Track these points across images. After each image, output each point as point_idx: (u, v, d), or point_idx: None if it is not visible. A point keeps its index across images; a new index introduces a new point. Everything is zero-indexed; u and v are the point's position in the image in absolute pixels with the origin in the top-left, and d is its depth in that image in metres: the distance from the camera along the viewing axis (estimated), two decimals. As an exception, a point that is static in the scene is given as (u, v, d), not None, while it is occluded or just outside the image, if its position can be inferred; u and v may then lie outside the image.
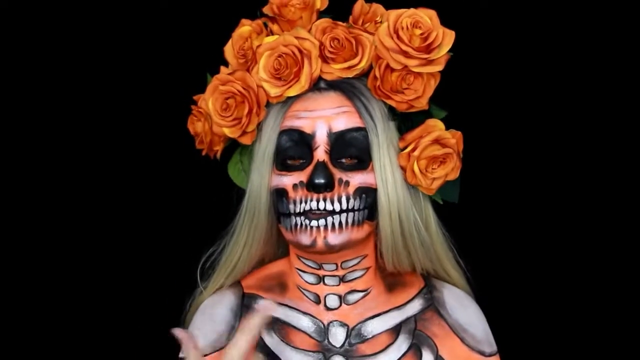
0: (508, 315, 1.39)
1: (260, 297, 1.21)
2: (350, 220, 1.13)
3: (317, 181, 1.11)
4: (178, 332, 1.01)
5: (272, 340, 1.18)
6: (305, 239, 1.13)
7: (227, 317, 1.20)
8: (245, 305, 1.21)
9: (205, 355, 1.17)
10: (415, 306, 1.21)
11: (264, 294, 1.22)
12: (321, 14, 1.20)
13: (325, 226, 1.12)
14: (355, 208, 1.13)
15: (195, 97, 1.25)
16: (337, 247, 1.13)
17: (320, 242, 1.12)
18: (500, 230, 1.66)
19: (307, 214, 1.13)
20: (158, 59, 1.68)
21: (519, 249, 1.67)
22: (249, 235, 1.19)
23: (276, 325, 1.19)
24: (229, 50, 1.21)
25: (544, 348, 1.67)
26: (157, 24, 1.69)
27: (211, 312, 1.21)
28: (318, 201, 1.12)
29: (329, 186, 1.11)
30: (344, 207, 1.12)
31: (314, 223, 1.12)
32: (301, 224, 1.13)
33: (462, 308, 1.21)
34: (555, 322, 1.67)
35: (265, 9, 1.21)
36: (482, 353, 1.19)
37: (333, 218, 1.12)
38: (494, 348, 1.20)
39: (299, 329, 1.19)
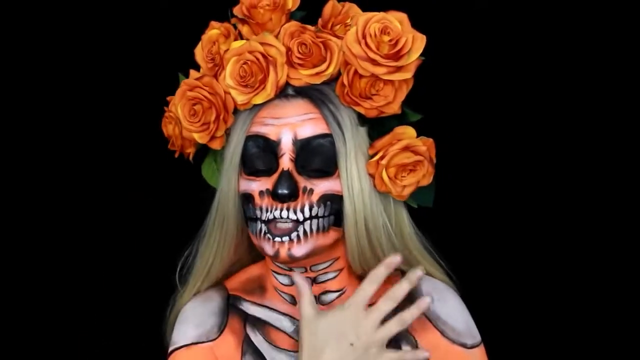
0: (493, 311, 1.38)
1: (244, 300, 1.23)
2: (314, 228, 1.12)
3: (280, 191, 1.10)
4: (298, 277, 1.10)
5: (256, 338, 1.20)
6: (268, 249, 1.13)
7: (217, 313, 1.21)
8: (231, 304, 1.22)
9: (200, 343, 1.19)
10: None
11: (246, 296, 1.23)
12: (293, 14, 1.17)
13: (290, 240, 1.12)
14: (320, 215, 1.12)
15: (169, 99, 1.24)
16: (302, 257, 1.13)
17: (283, 254, 1.12)
18: (480, 229, 1.64)
19: (271, 223, 1.12)
20: (135, 58, 1.67)
21: (500, 247, 1.65)
22: (220, 238, 1.20)
23: (259, 325, 1.20)
24: (199, 53, 1.19)
25: (530, 339, 1.66)
26: (134, 23, 1.67)
27: (202, 308, 1.22)
28: (281, 210, 1.11)
29: (292, 196, 1.10)
30: (307, 215, 1.12)
31: (277, 239, 1.12)
32: (265, 232, 1.13)
33: (441, 300, 1.20)
34: (540, 314, 1.67)
35: (236, 10, 1.18)
36: (463, 345, 1.18)
37: (298, 230, 1.12)
38: (477, 339, 1.20)
39: (279, 329, 1.20)
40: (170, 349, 1.21)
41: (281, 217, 1.12)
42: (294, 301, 1.20)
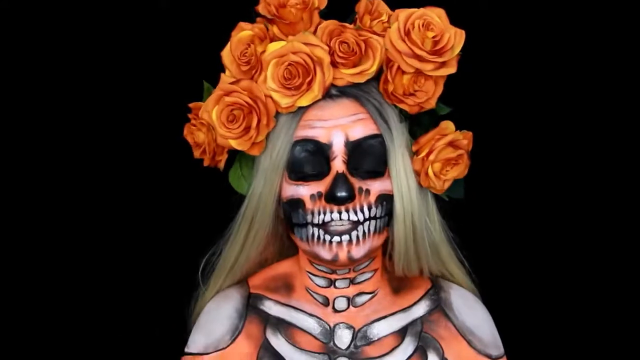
0: (512, 316, 1.40)
1: (267, 298, 1.20)
2: (372, 229, 1.11)
3: (339, 194, 1.08)
4: None
5: (277, 341, 1.17)
6: (325, 253, 1.11)
7: (231, 318, 1.19)
8: (250, 305, 1.20)
9: (208, 354, 1.17)
10: (422, 308, 1.20)
11: (270, 294, 1.20)
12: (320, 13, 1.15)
13: (350, 240, 1.10)
14: (378, 216, 1.11)
15: (191, 106, 1.18)
16: (360, 259, 1.12)
17: (343, 257, 1.11)
18: (502, 229, 1.66)
19: (327, 225, 1.10)
20: (149, 63, 1.61)
21: (522, 247, 1.68)
22: (246, 241, 1.17)
23: (281, 325, 1.18)
24: (228, 56, 1.14)
25: (549, 349, 1.69)
26: (145, 28, 1.61)
27: (216, 312, 1.20)
28: (340, 213, 1.09)
29: (350, 198, 1.08)
30: (367, 216, 1.10)
31: (335, 238, 1.10)
32: (319, 236, 1.11)
33: (470, 310, 1.21)
34: (560, 322, 1.70)
35: (261, 9, 1.14)
36: (488, 356, 1.19)
37: (357, 230, 1.10)
38: (501, 351, 1.21)
39: (304, 330, 1.18)
40: (185, 350, 1.20)
41: (340, 219, 1.10)
42: (326, 302, 1.18)
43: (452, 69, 1.11)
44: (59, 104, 1.64)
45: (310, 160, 1.10)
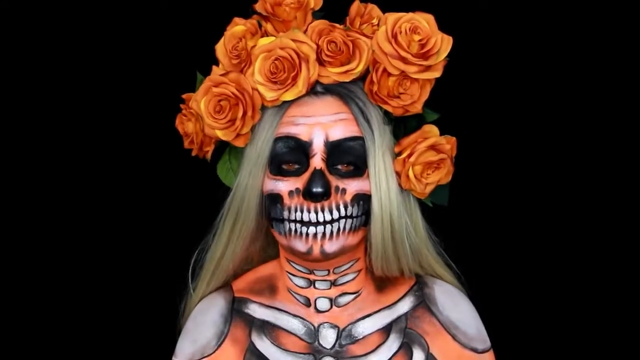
0: (503, 314, 1.40)
1: (251, 301, 1.21)
2: (347, 227, 1.12)
3: (314, 190, 1.09)
4: None
5: (262, 344, 1.18)
6: (300, 246, 1.12)
7: (217, 323, 1.20)
8: (235, 309, 1.21)
9: None
10: (406, 304, 1.21)
11: (254, 297, 1.22)
12: (314, 14, 1.18)
13: (323, 234, 1.11)
14: (353, 215, 1.12)
15: (184, 96, 1.21)
16: (333, 255, 1.13)
17: (316, 250, 1.12)
18: (489, 232, 1.67)
19: (303, 221, 1.12)
20: (146, 56, 1.65)
21: (510, 250, 1.68)
22: (232, 234, 1.18)
23: (266, 328, 1.19)
24: (221, 49, 1.17)
25: (538, 344, 1.69)
26: (145, 20, 1.66)
27: (202, 318, 1.21)
28: (317, 212, 1.11)
29: (326, 194, 1.10)
30: (342, 214, 1.12)
31: (311, 230, 1.11)
32: (296, 230, 1.12)
33: (454, 305, 1.22)
34: (549, 319, 1.70)
35: (258, 7, 1.17)
36: (474, 350, 1.20)
37: (332, 226, 1.11)
38: (487, 344, 1.21)
39: (289, 332, 1.19)
40: (172, 358, 1.21)
41: (317, 220, 1.11)
42: (308, 303, 1.20)
43: (437, 73, 1.13)
44: (60, 102, 1.69)
45: (290, 156, 1.12)
